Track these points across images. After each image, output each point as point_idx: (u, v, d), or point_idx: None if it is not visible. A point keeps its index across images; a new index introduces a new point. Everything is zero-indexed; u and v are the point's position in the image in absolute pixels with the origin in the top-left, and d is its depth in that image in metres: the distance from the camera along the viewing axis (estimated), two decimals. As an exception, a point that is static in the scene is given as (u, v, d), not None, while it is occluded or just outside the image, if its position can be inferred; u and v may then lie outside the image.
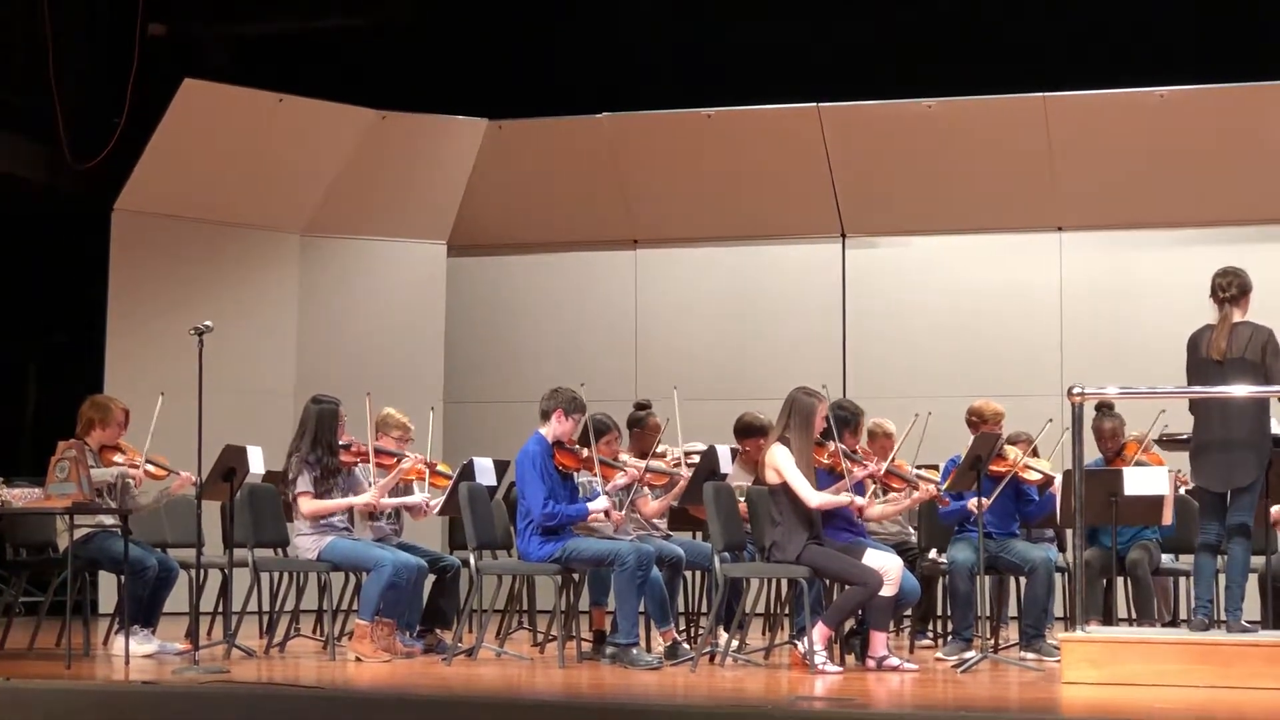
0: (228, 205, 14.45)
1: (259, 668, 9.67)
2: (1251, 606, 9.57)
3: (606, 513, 9.99)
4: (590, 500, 10.02)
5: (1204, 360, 9.17)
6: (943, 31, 14.45)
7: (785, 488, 9.49)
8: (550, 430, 9.93)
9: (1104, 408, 10.96)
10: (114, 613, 10.89)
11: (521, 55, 15.17)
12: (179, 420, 10.23)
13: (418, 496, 10.67)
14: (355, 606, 10.62)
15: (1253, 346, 9.09)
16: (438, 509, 10.78)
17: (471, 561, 10.16)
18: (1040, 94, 14.22)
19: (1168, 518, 10.04)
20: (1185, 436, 9.45)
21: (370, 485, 10.34)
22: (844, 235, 15.10)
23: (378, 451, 10.39)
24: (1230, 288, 9.21)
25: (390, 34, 15.23)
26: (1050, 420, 10.79)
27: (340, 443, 10.28)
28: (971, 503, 10.15)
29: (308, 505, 10.12)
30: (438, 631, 10.52)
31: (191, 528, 10.34)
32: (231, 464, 10.26)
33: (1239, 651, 8.66)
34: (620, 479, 10.11)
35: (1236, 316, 9.19)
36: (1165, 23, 14.06)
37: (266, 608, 11.10)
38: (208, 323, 9.85)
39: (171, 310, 13.80)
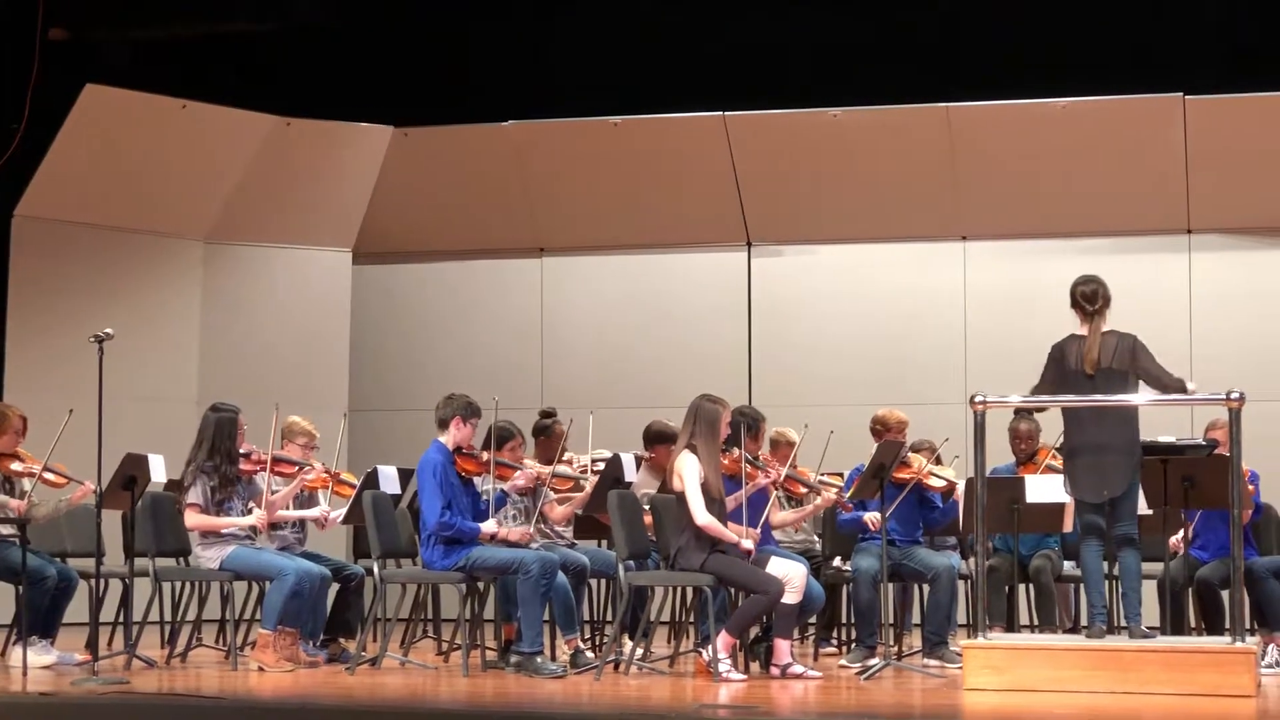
0: (130, 212, 14.32)
1: (160, 678, 9.59)
2: (1151, 613, 9.66)
3: (493, 536, 9.91)
4: (496, 502, 9.99)
5: (1073, 372, 9.21)
6: (848, 41, 14.51)
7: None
8: (449, 437, 9.90)
9: (1021, 411, 11.04)
10: (11, 623, 10.76)
11: (428, 63, 15.12)
12: (80, 428, 10.12)
13: (316, 510, 10.61)
14: (258, 616, 10.54)
15: (1120, 355, 9.17)
16: (341, 518, 10.73)
17: (375, 570, 10.12)
18: (944, 104, 14.33)
19: (1068, 525, 10.13)
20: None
21: (272, 494, 10.26)
22: (749, 243, 15.15)
23: (278, 460, 10.32)
24: (1098, 298, 9.27)
25: (295, 40, 15.14)
26: (947, 439, 10.86)
27: (240, 451, 10.19)
28: (868, 516, 10.21)
29: (192, 519, 10.02)
30: (341, 641, 10.47)
31: (91, 537, 10.22)
32: (132, 472, 10.17)
33: (1137, 657, 8.74)
34: (519, 479, 10.08)
35: (1104, 326, 9.27)
36: (1066, 35, 14.18)
37: (168, 618, 10.99)
38: (108, 330, 9.76)
39: (72, 318, 13.66)
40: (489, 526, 9.88)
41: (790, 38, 14.61)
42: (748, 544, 9.56)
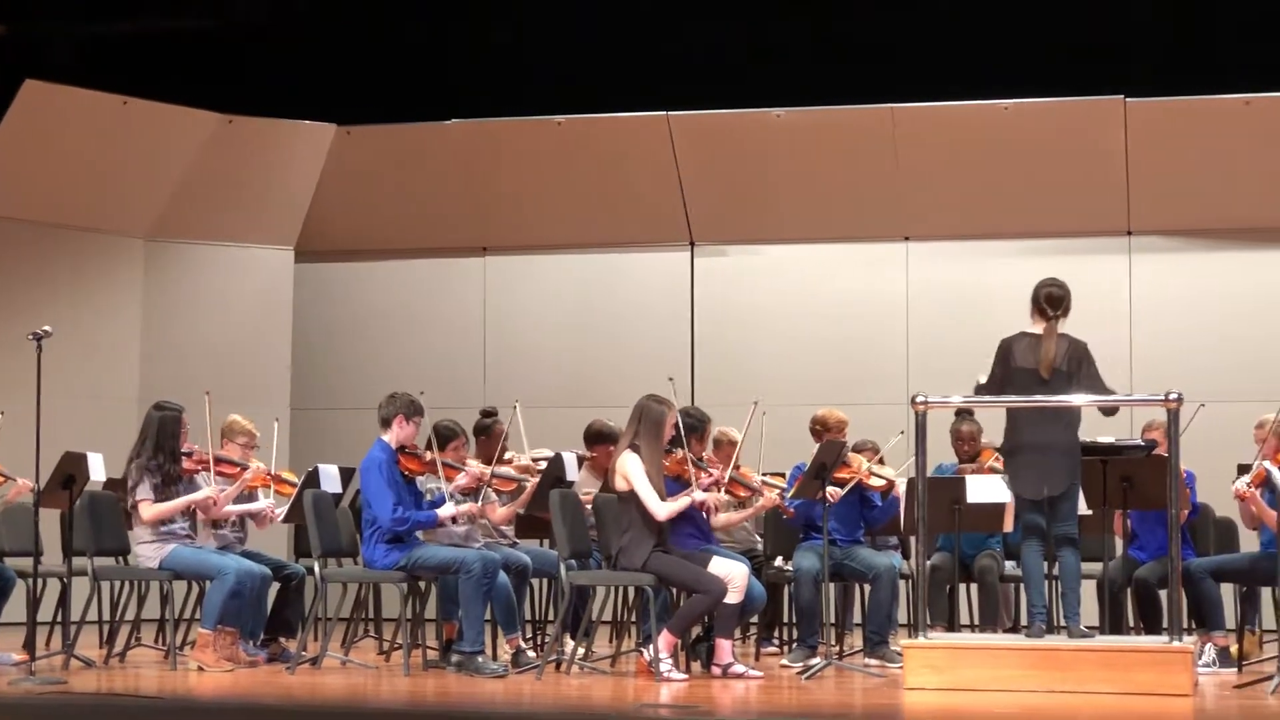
0: (70, 209, 14.24)
1: (98, 678, 9.53)
2: (1090, 613, 9.72)
3: (454, 518, 9.96)
4: (438, 505, 9.98)
5: (1022, 370, 9.24)
6: (792, 41, 14.54)
7: (634, 495, 9.50)
8: (392, 436, 9.88)
9: (963, 412, 11.08)
10: (-52, 623, 10.70)
11: (371, 61, 15.08)
12: (17, 426, 10.06)
13: (262, 503, 10.58)
14: (198, 615, 10.50)
15: (1071, 359, 9.23)
16: (282, 516, 10.70)
17: (316, 569, 10.09)
18: (887, 105, 14.37)
19: (1008, 525, 10.17)
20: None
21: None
22: (693, 244, 15.16)
23: (220, 460, 10.28)
24: (1062, 305, 9.31)
25: (238, 38, 15.08)
26: (901, 433, 10.89)
27: (182, 450, 10.15)
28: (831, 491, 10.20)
29: (148, 511, 9.97)
30: (282, 640, 10.44)
31: (29, 535, 10.17)
32: (71, 471, 10.12)
33: (1076, 656, 8.80)
34: (461, 478, 10.07)
35: (1061, 329, 9.32)
36: (1011, 36, 14.24)
37: (106, 617, 10.94)
38: (46, 328, 9.71)
39: (11, 315, 13.59)
40: (446, 510, 9.87)
41: (734, 38, 14.64)
42: (699, 495, 9.59)
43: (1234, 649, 10.27)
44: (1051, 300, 9.31)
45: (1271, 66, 13.77)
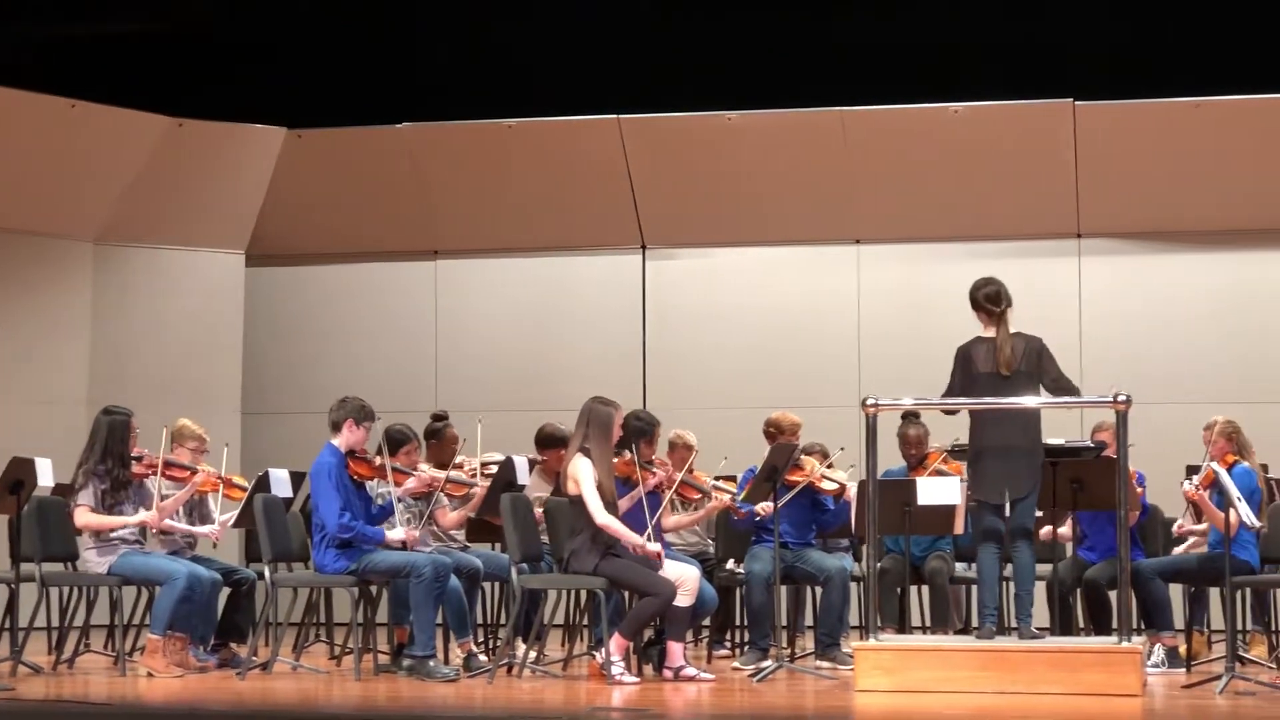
0: (18, 212, 14.15)
1: (47, 685, 9.48)
2: (1041, 614, 9.76)
3: (404, 544, 9.92)
4: (387, 521, 9.95)
5: (981, 374, 9.27)
6: (742, 44, 14.56)
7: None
8: (342, 440, 9.86)
9: (910, 416, 11.11)
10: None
11: (322, 64, 15.04)
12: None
13: (208, 527, 10.51)
14: (147, 621, 10.45)
15: (1028, 357, 9.26)
16: (231, 522, 10.65)
17: (267, 574, 10.06)
18: (838, 108, 14.40)
19: (959, 527, 10.23)
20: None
21: (162, 499, 10.17)
22: (644, 247, 15.17)
23: (169, 465, 10.23)
24: (1001, 299, 9.34)
25: (188, 40, 15.02)
26: (843, 448, 10.92)
27: (132, 455, 10.10)
28: (760, 506, 10.21)
29: (83, 518, 9.93)
30: (232, 645, 10.39)
31: (-24, 542, 10.12)
32: (19, 475, 10.05)
33: (1026, 657, 8.83)
34: (410, 483, 10.05)
35: (1011, 328, 9.35)
36: (959, 39, 14.29)
37: (55, 623, 10.88)
38: (-6, 332, 9.66)
39: (-40, 319, 13.51)
40: (395, 535, 9.86)
41: (684, 41, 14.64)
42: (654, 547, 9.59)
43: (1182, 649, 10.33)
44: (991, 299, 9.34)
45: (1220, 70, 13.85)
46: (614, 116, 14.68)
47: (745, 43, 14.56)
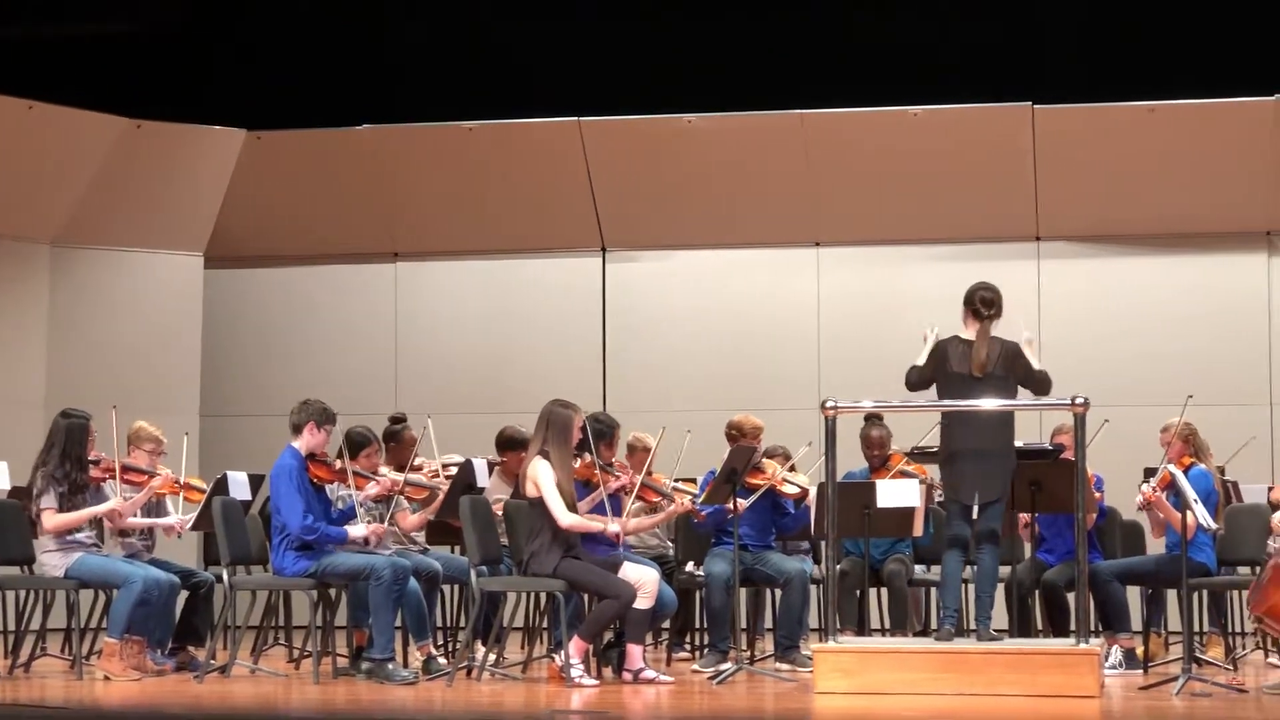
0: (-26, 214, 14.09)
1: (3, 688, 9.44)
2: (1000, 616, 9.79)
3: (366, 540, 9.92)
4: (349, 521, 9.93)
5: (957, 375, 9.29)
6: (703, 46, 14.57)
7: (544, 501, 9.49)
8: (303, 443, 9.83)
9: (873, 418, 11.12)
10: None
11: (281, 65, 15.00)
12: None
13: (170, 519, 10.49)
14: (104, 624, 10.40)
15: (1003, 360, 9.29)
16: (190, 525, 10.61)
17: (225, 577, 10.03)
18: (798, 111, 14.42)
19: (918, 529, 10.26)
20: (935, 449, 9.61)
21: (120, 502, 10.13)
22: (604, 249, 15.16)
23: (127, 468, 10.19)
24: (994, 305, 9.36)
25: (146, 41, 14.96)
26: (810, 443, 10.93)
27: (89, 458, 10.05)
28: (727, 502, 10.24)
29: (51, 520, 9.89)
30: (190, 649, 10.36)
31: (-69, 545, 10.06)
32: (-25, 479, 10.00)
33: (985, 659, 8.87)
34: (371, 488, 10.03)
35: (993, 332, 9.37)
36: (918, 43, 14.34)
37: (11, 627, 10.81)
38: (-50, 334, 9.61)
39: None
40: (357, 531, 9.84)
41: (644, 43, 14.64)
42: (614, 527, 9.59)
43: (1140, 650, 10.38)
44: (985, 302, 9.36)
45: (1176, 74, 13.92)
46: (574, 119, 14.67)
47: (705, 45, 14.57)
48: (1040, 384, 9.32)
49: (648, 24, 14.65)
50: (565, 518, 9.45)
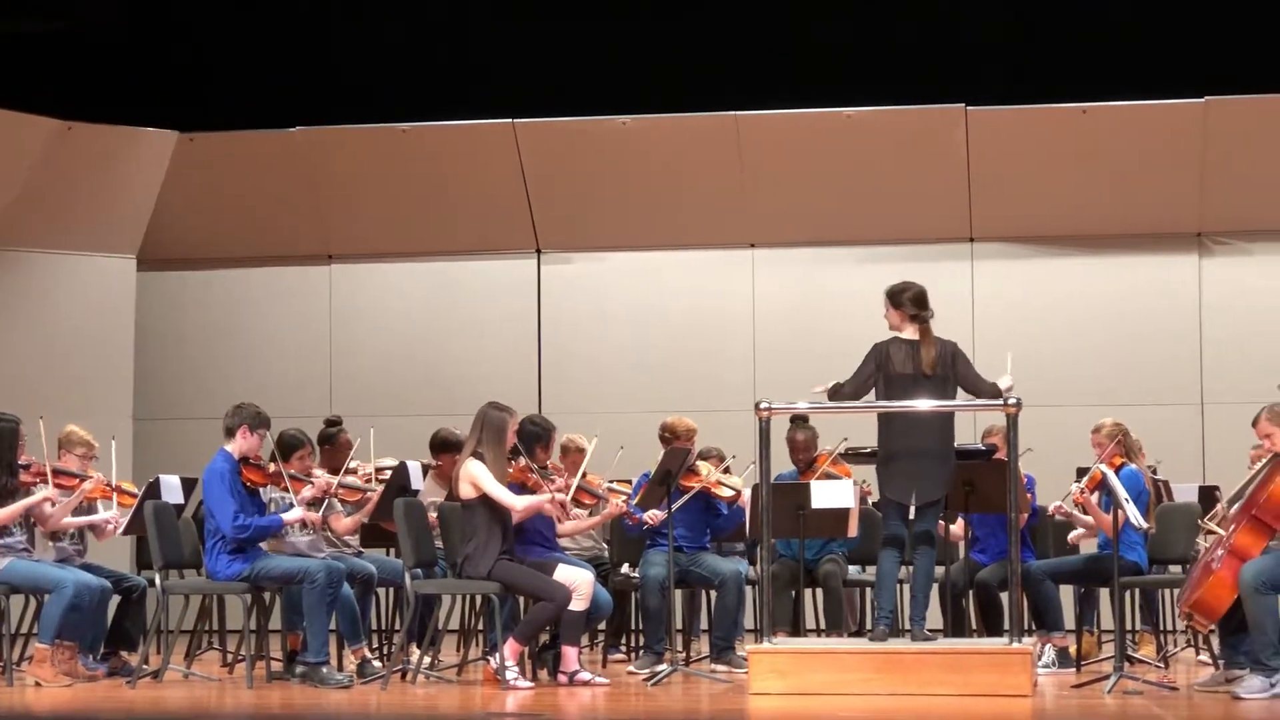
0: (-97, 217, 13.97)
1: (-67, 695, 9.37)
2: (934, 616, 9.82)
3: (302, 522, 9.89)
4: (284, 511, 9.90)
5: (901, 375, 9.29)
6: (637, 48, 14.57)
7: (481, 502, 9.48)
8: (236, 447, 9.79)
9: (798, 420, 11.14)
10: None
11: (214, 66, 14.93)
12: None
13: (102, 514, 10.43)
14: (35, 630, 10.32)
15: (943, 360, 9.32)
16: (122, 528, 10.55)
17: (158, 581, 9.97)
18: (733, 113, 14.44)
19: (853, 530, 10.28)
20: (869, 450, 9.63)
21: (51, 507, 10.05)
22: (539, 251, 15.15)
23: (58, 472, 10.12)
24: (925, 303, 9.38)
25: (77, 42, 14.85)
26: (734, 455, 10.95)
27: (19, 462, 9.98)
28: (648, 514, 10.25)
29: (-16, 522, 9.83)
30: (123, 654, 10.29)
31: None
32: (-98, 484, 9.90)
33: (918, 659, 8.90)
34: (307, 491, 9.99)
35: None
36: (852, 45, 14.38)
37: (-59, 633, 10.72)
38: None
39: None
40: (291, 515, 9.80)
41: (579, 45, 14.64)
42: (561, 496, 9.61)
43: (1072, 649, 10.44)
44: (919, 301, 9.36)
45: (1108, 75, 14.01)
46: (509, 121, 14.66)
47: (640, 47, 14.57)
48: (981, 393, 9.34)
49: (582, 25, 14.64)
50: (519, 502, 9.48)
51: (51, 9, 14.77)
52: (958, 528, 10.49)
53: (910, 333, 9.35)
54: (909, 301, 9.36)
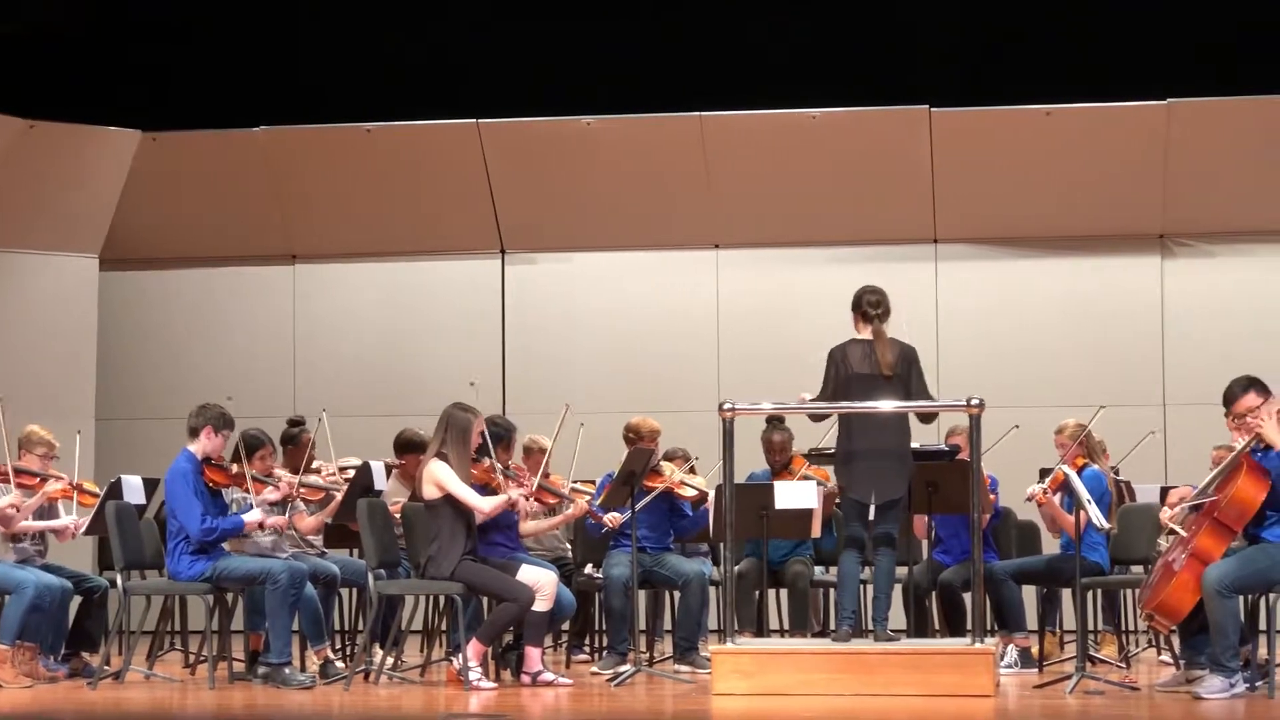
0: None
1: (-108, 696, 9.33)
2: (897, 616, 9.84)
3: (261, 524, 9.87)
4: (244, 512, 9.87)
5: (859, 375, 9.31)
6: (601, 48, 14.57)
7: (444, 502, 9.47)
8: (199, 447, 9.75)
9: (774, 420, 11.15)
10: None
11: (177, 66, 14.89)
12: None
13: (64, 520, 10.39)
14: (-4, 631, 10.27)
15: (901, 362, 9.35)
16: (84, 529, 10.51)
17: (120, 582, 9.94)
18: (697, 113, 14.45)
19: (816, 530, 10.30)
20: (831, 450, 9.65)
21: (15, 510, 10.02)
22: (503, 251, 15.14)
23: (19, 472, 10.08)
24: (882, 305, 9.42)
25: (38, 41, 14.79)
26: (698, 457, 10.96)
27: (-21, 463, 9.95)
28: (608, 517, 10.26)
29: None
30: (84, 655, 10.27)
31: None
32: None
33: (881, 659, 8.92)
34: (271, 493, 9.97)
35: (888, 333, 9.43)
36: (817, 47, 14.40)
37: (-98, 634, 10.67)
38: None
39: None
40: (253, 516, 9.77)
41: (543, 45, 14.64)
42: (517, 493, 9.64)
43: (1035, 649, 10.47)
44: (873, 304, 9.40)
45: (1071, 78, 14.06)
46: (473, 121, 14.64)
47: (604, 47, 14.57)
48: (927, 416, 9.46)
49: (547, 26, 14.64)
50: (485, 504, 9.48)
51: (12, 8, 14.70)
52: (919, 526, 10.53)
53: (865, 333, 9.39)
54: (865, 304, 9.43)
